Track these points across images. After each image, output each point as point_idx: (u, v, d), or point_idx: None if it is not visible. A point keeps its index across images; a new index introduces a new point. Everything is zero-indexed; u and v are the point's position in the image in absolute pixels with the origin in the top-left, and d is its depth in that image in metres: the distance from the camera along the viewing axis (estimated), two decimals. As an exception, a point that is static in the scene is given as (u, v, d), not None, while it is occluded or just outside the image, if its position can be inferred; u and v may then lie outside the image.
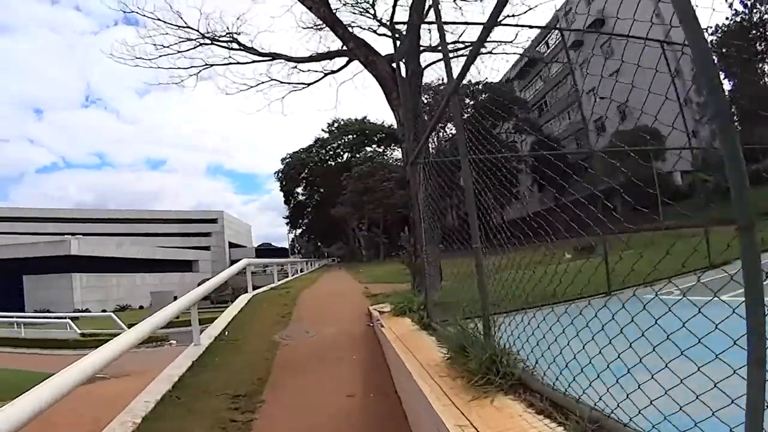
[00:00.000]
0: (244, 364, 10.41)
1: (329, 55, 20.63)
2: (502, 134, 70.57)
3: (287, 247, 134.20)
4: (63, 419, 10.58)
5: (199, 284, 15.77)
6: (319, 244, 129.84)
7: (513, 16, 20.51)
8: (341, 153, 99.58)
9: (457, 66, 6.54)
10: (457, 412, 4.52)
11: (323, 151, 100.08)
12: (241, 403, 7.99)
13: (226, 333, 13.39)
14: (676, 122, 4.48)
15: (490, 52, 20.34)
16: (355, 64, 21.00)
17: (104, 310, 61.43)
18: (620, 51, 4.24)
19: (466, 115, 66.09)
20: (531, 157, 64.38)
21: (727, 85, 52.32)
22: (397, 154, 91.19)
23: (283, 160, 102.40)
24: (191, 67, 21.56)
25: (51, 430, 10.14)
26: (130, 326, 9.89)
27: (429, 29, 16.97)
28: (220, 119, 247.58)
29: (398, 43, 14.54)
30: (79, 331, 31.78)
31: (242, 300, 19.03)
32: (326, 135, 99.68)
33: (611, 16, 4.54)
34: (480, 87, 68.70)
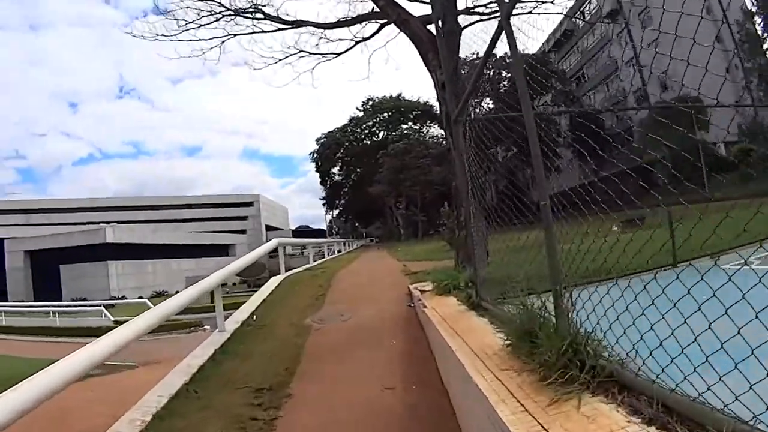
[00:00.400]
0: (272, 351, 9.37)
1: (359, 19, 19.46)
2: (540, 107, 69.45)
3: (324, 228, 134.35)
4: (77, 416, 9.78)
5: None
6: (356, 224, 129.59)
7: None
8: (377, 132, 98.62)
9: (491, 30, 5.67)
10: (532, 424, 3.29)
11: (358, 130, 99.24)
12: (265, 398, 6.91)
13: (254, 318, 12.37)
14: (721, 92, 3.72)
15: (531, 12, 19.00)
16: (387, 31, 20.02)
17: (141, 297, 60.04)
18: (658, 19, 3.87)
19: (502, 89, 65.12)
20: (581, 120, 63.60)
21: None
22: (434, 131, 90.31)
23: (318, 140, 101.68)
24: (213, 38, 20.58)
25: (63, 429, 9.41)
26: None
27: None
28: (254, 104, 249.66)
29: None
30: (113, 319, 31.41)
31: (274, 282, 17.92)
32: (361, 113, 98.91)
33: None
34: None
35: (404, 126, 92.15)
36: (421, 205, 77.75)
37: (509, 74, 66.55)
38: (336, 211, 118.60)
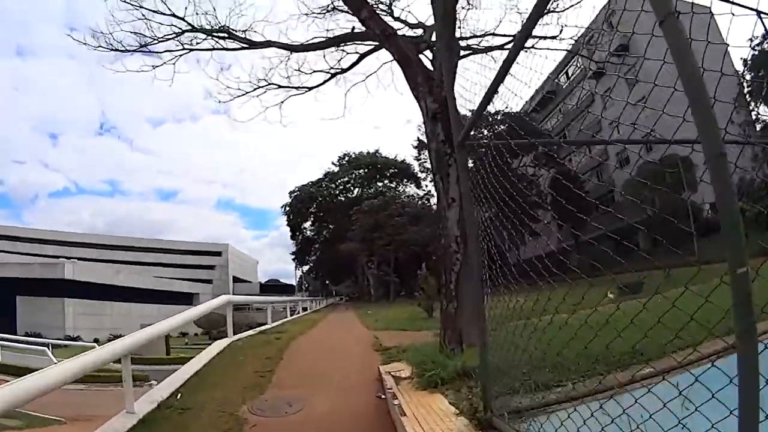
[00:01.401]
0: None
1: (336, 41, 16.97)
2: (521, 168, 67.88)
3: (294, 284, 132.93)
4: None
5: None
6: (326, 281, 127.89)
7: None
8: (351, 188, 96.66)
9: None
10: None
11: (333, 186, 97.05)
12: None
13: (179, 396, 9.52)
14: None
15: (533, 47, 16.79)
16: (368, 64, 17.73)
17: (96, 339, 57.80)
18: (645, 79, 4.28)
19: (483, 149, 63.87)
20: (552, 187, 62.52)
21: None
22: (410, 190, 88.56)
23: (291, 193, 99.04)
24: (166, 51, 18.11)
25: None
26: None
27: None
28: (232, 154, 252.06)
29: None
30: (55, 360, 28.34)
31: (217, 347, 15.02)
32: (336, 168, 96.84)
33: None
34: (499, 117, 66.13)
35: (380, 183, 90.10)
36: (394, 266, 75.07)
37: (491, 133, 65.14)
38: (306, 267, 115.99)
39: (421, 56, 12.57)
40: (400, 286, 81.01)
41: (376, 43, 15.57)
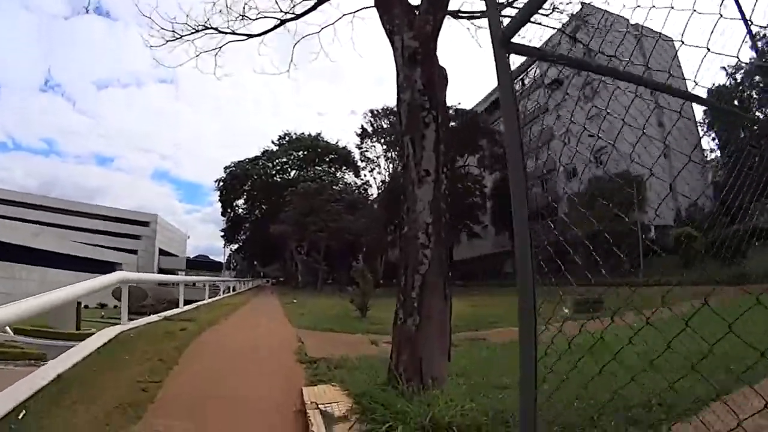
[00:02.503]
0: None
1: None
2: (465, 167, 66.37)
3: (222, 261, 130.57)
4: None
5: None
6: (255, 262, 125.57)
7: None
8: (289, 169, 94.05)
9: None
10: None
11: (270, 165, 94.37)
12: None
13: (20, 416, 6.66)
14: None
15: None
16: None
17: None
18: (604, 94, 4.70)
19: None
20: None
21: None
22: (349, 178, 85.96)
23: (226, 168, 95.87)
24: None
25: None
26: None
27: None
28: (173, 125, 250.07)
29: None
30: None
31: (100, 338, 11.95)
32: (275, 148, 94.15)
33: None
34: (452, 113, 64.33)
35: (319, 168, 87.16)
36: (324, 253, 72.23)
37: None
38: (235, 246, 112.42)
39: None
40: (328, 274, 78.57)
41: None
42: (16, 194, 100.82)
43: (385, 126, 73.31)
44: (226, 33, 16.10)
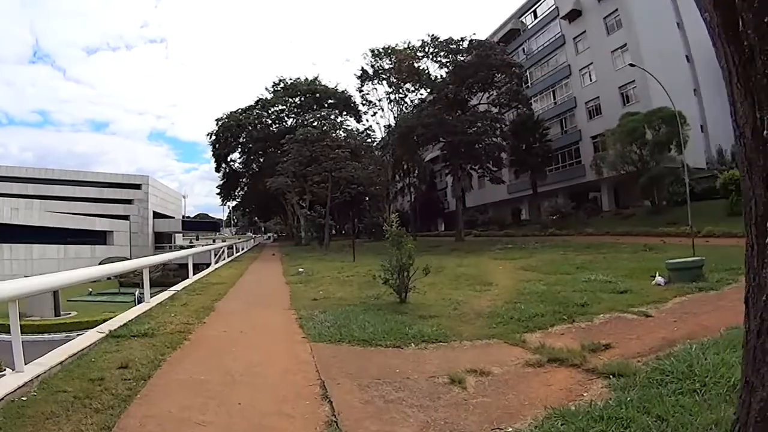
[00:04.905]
0: None
1: None
2: (481, 105, 60.42)
3: (221, 219, 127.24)
4: None
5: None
6: (255, 218, 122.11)
7: None
8: (285, 118, 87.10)
9: None
10: None
11: (265, 114, 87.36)
12: None
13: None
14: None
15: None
16: None
17: None
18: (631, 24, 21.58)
19: (444, 71, 55.98)
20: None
21: None
22: (350, 123, 79.65)
23: (218, 120, 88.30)
24: None
25: None
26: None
27: None
28: (167, 85, 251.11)
29: None
30: None
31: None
32: (270, 95, 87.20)
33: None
34: (465, 45, 58.18)
35: (318, 113, 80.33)
36: (329, 208, 65.93)
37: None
38: (234, 203, 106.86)
39: None
40: (332, 228, 73.95)
41: None
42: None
43: (387, 66, 66.96)
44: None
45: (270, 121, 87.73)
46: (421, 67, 63.64)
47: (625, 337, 9.65)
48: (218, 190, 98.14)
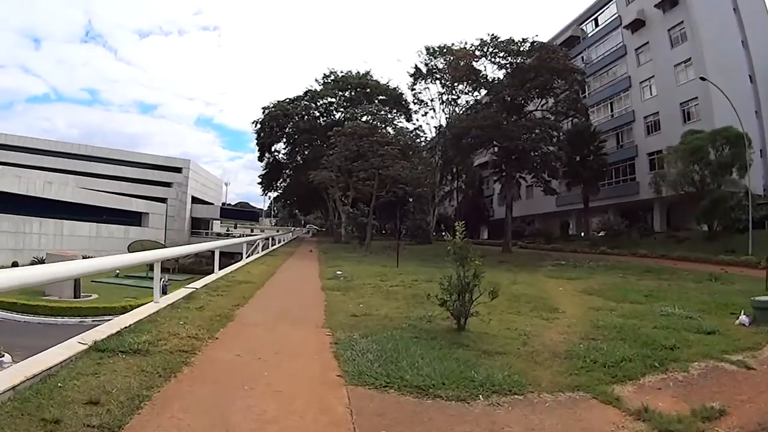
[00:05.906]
0: None
1: None
2: (537, 111, 57.47)
3: (261, 209, 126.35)
4: None
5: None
6: (296, 211, 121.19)
7: None
8: (334, 111, 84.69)
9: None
10: None
11: (313, 106, 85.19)
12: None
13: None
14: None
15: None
16: None
17: (15, 263, 48.20)
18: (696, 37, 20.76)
19: (501, 72, 53.44)
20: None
21: None
22: (400, 122, 77.27)
23: (264, 108, 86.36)
24: None
25: None
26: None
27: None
28: (217, 72, 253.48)
29: None
30: None
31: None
32: (319, 87, 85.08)
33: None
34: (527, 47, 55.24)
35: (369, 107, 77.75)
36: (373, 206, 63.22)
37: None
38: (275, 194, 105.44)
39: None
40: (375, 228, 71.87)
41: None
42: (29, 140, 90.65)
43: (440, 66, 64.55)
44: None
45: (318, 114, 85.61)
46: (477, 68, 60.53)
47: (734, 398, 7.74)
48: (260, 180, 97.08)
